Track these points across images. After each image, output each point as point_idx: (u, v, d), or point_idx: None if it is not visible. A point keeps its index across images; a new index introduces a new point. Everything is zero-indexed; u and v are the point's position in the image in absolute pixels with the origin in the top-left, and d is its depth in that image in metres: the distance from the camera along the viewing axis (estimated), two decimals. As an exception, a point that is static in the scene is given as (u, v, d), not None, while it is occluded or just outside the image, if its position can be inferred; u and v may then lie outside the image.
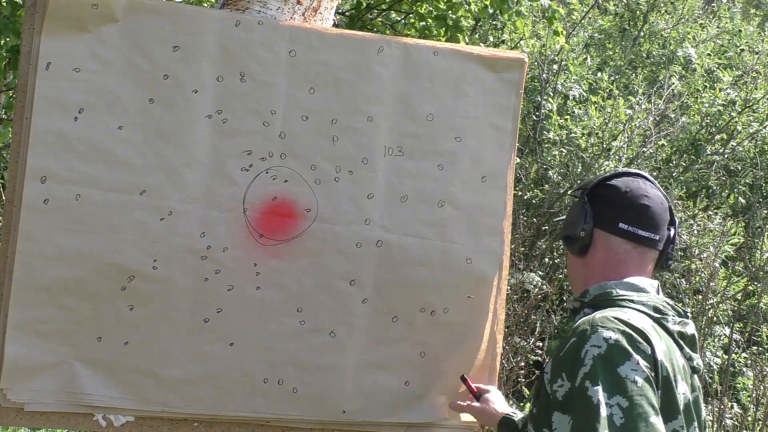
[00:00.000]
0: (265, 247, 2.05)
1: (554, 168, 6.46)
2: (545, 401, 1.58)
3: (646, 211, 1.73)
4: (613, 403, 1.44)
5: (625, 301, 1.65)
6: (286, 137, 2.06)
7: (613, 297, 1.67)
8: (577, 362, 1.51)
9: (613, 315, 1.58)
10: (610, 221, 1.73)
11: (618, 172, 1.80)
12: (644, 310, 1.63)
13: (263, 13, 2.16)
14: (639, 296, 1.66)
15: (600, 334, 1.52)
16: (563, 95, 6.90)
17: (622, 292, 1.67)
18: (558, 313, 5.65)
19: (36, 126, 1.91)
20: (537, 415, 1.62)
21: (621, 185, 1.75)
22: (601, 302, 1.67)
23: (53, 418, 1.96)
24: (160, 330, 1.98)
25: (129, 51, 1.97)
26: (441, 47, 2.18)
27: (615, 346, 1.50)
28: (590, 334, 1.53)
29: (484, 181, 2.19)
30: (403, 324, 2.13)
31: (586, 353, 1.50)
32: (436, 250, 2.13)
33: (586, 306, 1.71)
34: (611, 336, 1.51)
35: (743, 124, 6.84)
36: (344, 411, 2.09)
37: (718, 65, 7.72)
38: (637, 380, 1.46)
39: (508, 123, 2.22)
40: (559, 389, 1.54)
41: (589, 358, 1.49)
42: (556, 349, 1.64)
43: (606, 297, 1.68)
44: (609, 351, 1.49)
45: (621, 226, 1.72)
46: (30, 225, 1.90)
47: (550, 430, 1.55)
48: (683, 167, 6.80)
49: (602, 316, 1.57)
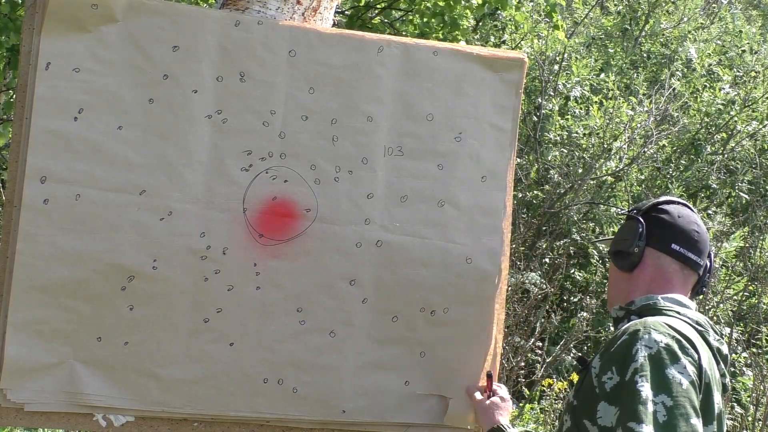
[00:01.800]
0: (265, 247, 2.05)
1: (555, 168, 6.46)
2: (590, 393, 1.69)
3: (696, 236, 1.87)
4: (659, 401, 1.55)
5: (670, 311, 1.77)
6: (285, 137, 2.06)
7: (659, 306, 1.79)
8: (629, 358, 1.62)
9: (664, 321, 1.70)
10: (663, 241, 1.85)
11: (668, 199, 1.92)
12: (689, 322, 1.75)
13: (263, 13, 2.16)
14: (683, 310, 1.78)
15: (652, 336, 1.63)
16: (564, 96, 6.90)
17: (668, 304, 1.79)
18: (558, 313, 5.65)
19: (36, 126, 1.91)
20: (578, 407, 1.73)
21: (674, 211, 1.88)
22: (647, 311, 1.79)
23: (53, 418, 1.96)
24: (160, 330, 1.98)
25: (129, 51, 1.97)
26: (441, 47, 2.18)
27: (666, 348, 1.61)
28: (642, 335, 1.64)
29: (484, 181, 2.19)
30: (403, 324, 2.12)
31: (638, 351, 1.62)
32: (436, 250, 2.13)
33: (632, 314, 1.82)
34: (662, 339, 1.63)
35: (742, 121, 6.85)
36: (344, 411, 2.09)
37: (718, 63, 7.72)
38: (683, 382, 1.57)
39: (508, 123, 2.22)
40: (608, 381, 1.65)
41: (641, 356, 1.61)
42: (604, 347, 1.76)
43: (652, 306, 1.80)
44: (659, 353, 1.61)
45: (673, 246, 1.84)
46: (30, 225, 1.90)
47: (593, 419, 1.66)
48: (684, 166, 6.80)
49: (654, 320, 1.70)
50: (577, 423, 1.71)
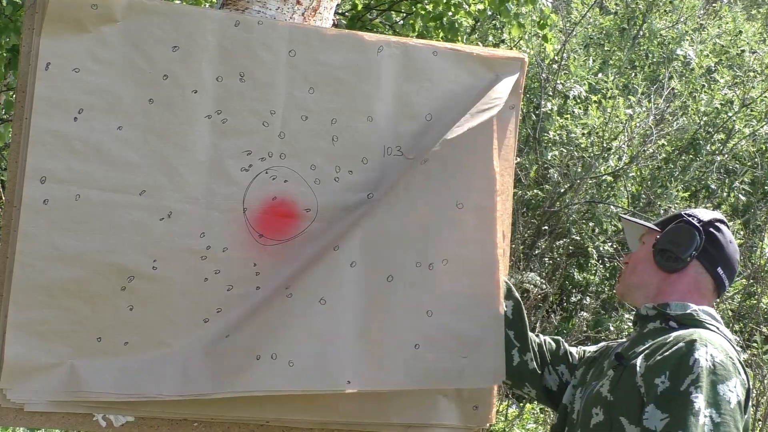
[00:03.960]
0: (265, 247, 2.05)
1: (554, 167, 6.46)
2: (632, 392, 1.72)
3: (736, 267, 1.96)
4: (707, 414, 1.60)
5: (711, 325, 1.81)
6: (285, 137, 2.06)
7: (700, 318, 1.83)
8: (684, 368, 1.66)
9: (716, 339, 1.74)
10: (712, 261, 1.91)
11: (721, 218, 1.97)
12: (729, 339, 1.80)
13: (263, 13, 2.16)
14: (719, 326, 1.83)
15: (708, 350, 1.68)
16: (563, 95, 6.90)
17: (707, 317, 1.84)
18: (558, 313, 5.65)
19: (36, 126, 1.91)
20: (615, 404, 1.75)
21: (728, 234, 1.94)
22: (689, 321, 1.83)
23: (53, 418, 1.96)
24: (160, 330, 1.98)
25: (128, 51, 1.97)
26: (440, 47, 2.18)
27: (720, 365, 1.66)
28: (699, 346, 1.69)
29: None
30: (401, 282, 2.04)
31: (695, 362, 1.66)
32: (422, 202, 2.05)
33: (670, 319, 1.85)
34: (718, 355, 1.68)
35: (740, 120, 6.85)
36: (349, 381, 1.97)
37: (718, 63, 7.72)
38: (731, 401, 1.63)
39: (508, 123, 2.22)
40: (660, 385, 1.68)
41: (698, 367, 1.65)
42: (649, 349, 1.78)
43: (692, 317, 1.84)
44: (714, 367, 1.66)
45: (719, 271, 1.91)
46: (30, 225, 1.90)
47: (634, 419, 1.69)
48: (682, 166, 6.81)
49: (708, 335, 1.74)
50: (611, 419, 1.74)
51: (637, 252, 2.02)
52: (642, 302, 1.95)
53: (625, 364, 1.78)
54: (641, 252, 2.00)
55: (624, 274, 2.04)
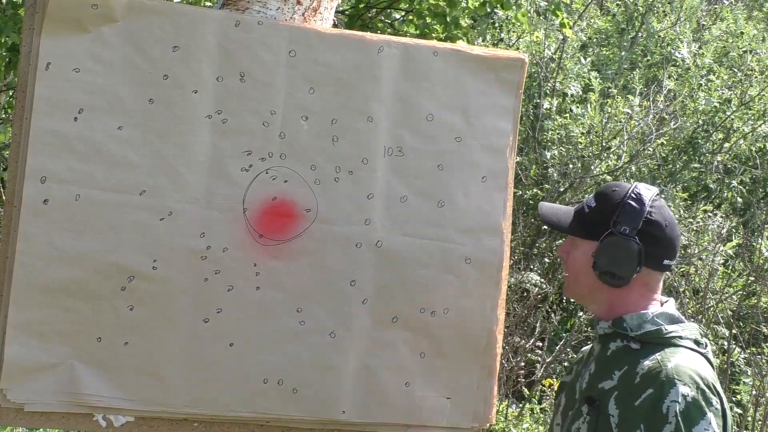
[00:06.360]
0: (265, 248, 2.05)
1: (554, 167, 6.46)
2: None
3: (678, 242, 1.81)
4: None
5: (675, 339, 1.71)
6: (285, 137, 2.06)
7: (664, 335, 1.72)
8: (659, 418, 1.59)
9: (684, 365, 1.64)
10: (656, 259, 1.77)
11: (651, 198, 1.78)
12: (693, 348, 1.71)
13: (263, 13, 2.16)
14: (682, 329, 1.73)
15: (678, 389, 1.60)
16: (562, 93, 6.90)
17: (670, 329, 1.73)
18: (558, 313, 5.65)
19: (36, 126, 1.91)
20: None
21: (661, 220, 1.77)
22: (653, 339, 1.72)
23: (53, 418, 1.96)
24: (160, 330, 1.98)
25: (129, 51, 1.97)
26: (441, 47, 2.18)
27: (693, 404, 1.59)
28: (669, 389, 1.61)
29: (484, 182, 2.18)
30: (403, 325, 2.12)
31: (668, 409, 1.59)
32: (436, 250, 2.13)
33: (631, 340, 1.74)
34: (688, 392, 1.60)
35: (738, 119, 6.85)
36: (344, 411, 2.09)
37: (718, 63, 7.71)
38: None
39: (508, 123, 2.22)
40: None
41: (672, 415, 1.58)
42: (617, 390, 1.69)
43: (657, 335, 1.72)
44: (687, 409, 1.58)
45: (665, 262, 1.78)
46: (30, 225, 1.90)
47: None
48: (681, 166, 6.81)
49: (675, 367, 1.64)
50: None
51: (574, 256, 1.84)
52: (595, 312, 1.85)
53: (599, 407, 1.70)
54: (578, 259, 1.83)
55: (567, 281, 1.90)
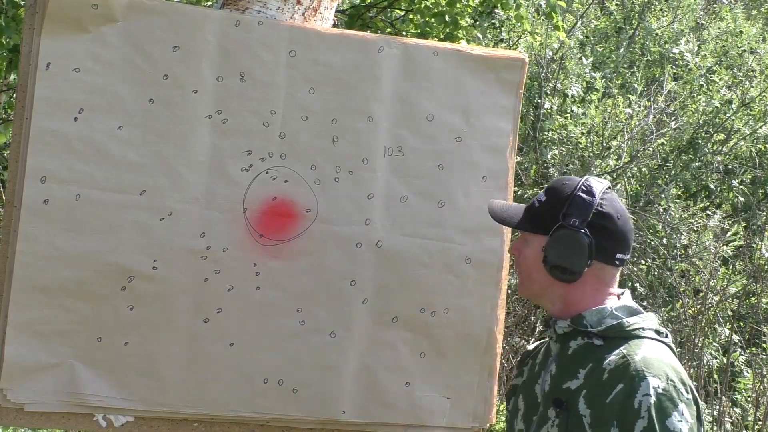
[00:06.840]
0: (265, 248, 2.05)
1: (554, 167, 6.46)
2: None
3: (632, 235, 1.76)
4: None
5: (638, 330, 1.68)
6: (286, 137, 2.06)
7: (626, 328, 1.68)
8: (632, 413, 1.56)
9: (651, 356, 1.61)
10: (608, 253, 1.72)
11: (602, 195, 1.74)
12: (656, 338, 1.68)
13: (263, 13, 2.16)
14: (643, 321, 1.70)
15: (648, 381, 1.57)
16: (563, 93, 6.90)
17: (632, 321, 1.69)
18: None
19: (36, 126, 1.91)
20: None
21: (612, 212, 1.72)
22: (615, 333, 1.68)
23: (53, 418, 1.96)
24: (160, 330, 1.98)
25: (129, 51, 1.97)
26: (441, 47, 2.18)
27: (663, 395, 1.56)
28: (639, 382, 1.57)
29: (484, 181, 2.18)
30: (403, 325, 2.13)
31: (641, 404, 1.55)
32: (435, 250, 2.13)
33: (594, 337, 1.70)
34: (659, 384, 1.57)
35: (739, 120, 6.84)
36: (344, 411, 2.09)
37: (717, 63, 7.71)
38: (683, 430, 1.54)
39: (508, 123, 2.22)
40: None
41: (645, 410, 1.55)
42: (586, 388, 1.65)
43: (619, 329, 1.69)
44: (659, 401, 1.55)
45: (618, 257, 1.73)
46: (30, 225, 1.90)
47: None
48: (681, 166, 6.80)
49: (643, 359, 1.61)
50: None
51: (525, 253, 1.80)
52: (551, 311, 1.80)
53: (568, 408, 1.65)
54: (530, 256, 1.78)
55: (521, 279, 1.85)
